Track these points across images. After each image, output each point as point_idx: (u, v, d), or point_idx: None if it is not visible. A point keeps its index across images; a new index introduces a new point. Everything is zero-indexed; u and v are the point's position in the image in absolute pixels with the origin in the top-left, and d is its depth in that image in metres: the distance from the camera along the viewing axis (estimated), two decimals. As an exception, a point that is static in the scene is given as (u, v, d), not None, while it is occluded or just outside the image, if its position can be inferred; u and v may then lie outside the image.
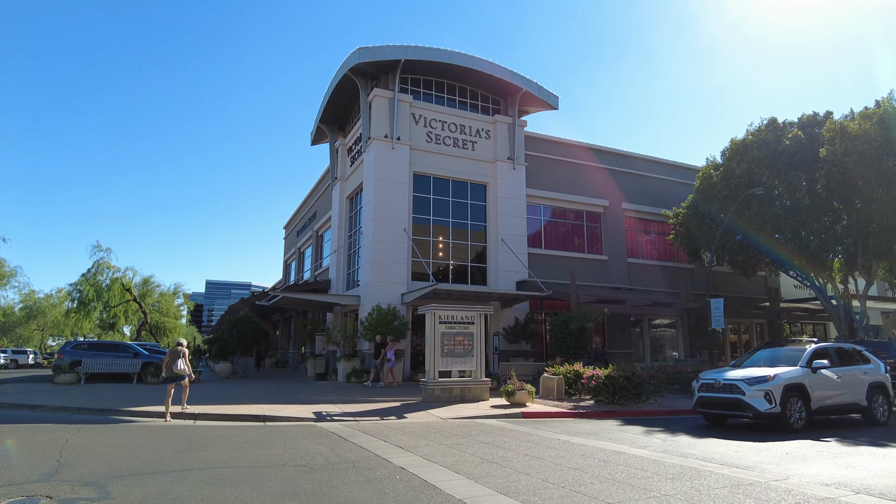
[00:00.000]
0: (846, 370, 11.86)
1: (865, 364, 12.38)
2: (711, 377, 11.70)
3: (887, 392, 12.29)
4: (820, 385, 11.21)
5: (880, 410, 12.03)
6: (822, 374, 11.33)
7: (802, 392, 10.88)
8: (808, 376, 11.10)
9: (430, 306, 15.29)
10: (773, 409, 10.54)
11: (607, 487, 6.05)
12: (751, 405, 10.70)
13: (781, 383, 10.70)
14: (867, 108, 21.67)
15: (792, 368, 11.19)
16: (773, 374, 10.92)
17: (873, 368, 12.36)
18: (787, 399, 10.62)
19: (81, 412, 12.20)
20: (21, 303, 61.26)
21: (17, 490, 5.55)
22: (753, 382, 10.88)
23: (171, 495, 5.47)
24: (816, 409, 11.08)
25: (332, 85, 26.75)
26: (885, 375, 12.42)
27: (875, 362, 12.63)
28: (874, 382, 12.12)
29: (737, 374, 11.47)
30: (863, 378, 11.98)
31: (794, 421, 10.65)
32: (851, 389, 11.71)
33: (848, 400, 11.67)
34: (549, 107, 26.86)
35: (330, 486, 5.98)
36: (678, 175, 31.12)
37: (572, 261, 26.30)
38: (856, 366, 12.18)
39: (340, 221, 28.26)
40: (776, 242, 23.61)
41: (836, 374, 11.55)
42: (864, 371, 12.11)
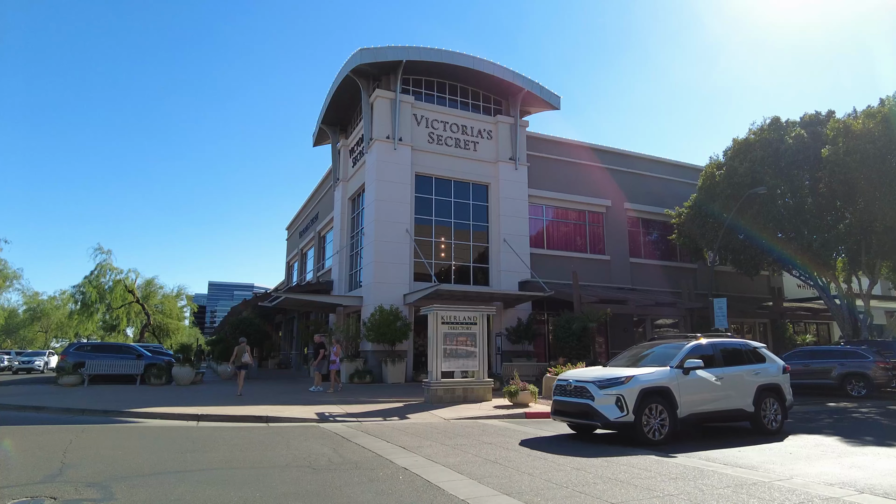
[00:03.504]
0: (731, 371, 10.14)
1: (757, 364, 10.62)
2: (565, 378, 10.07)
3: (782, 396, 10.53)
4: (692, 389, 9.46)
5: (771, 417, 10.26)
6: (697, 377, 9.59)
7: (666, 397, 9.13)
8: (678, 378, 9.36)
9: (432, 307, 15.29)
10: (624, 417, 8.80)
11: (610, 487, 6.04)
12: (599, 412, 8.95)
13: (638, 387, 8.96)
14: (870, 106, 21.63)
15: (657, 369, 9.50)
16: (630, 375, 9.22)
17: (766, 369, 10.62)
18: (645, 405, 8.89)
19: (85, 413, 12.22)
20: (24, 305, 61.51)
21: (21, 491, 5.56)
22: (605, 385, 9.10)
23: (175, 496, 5.48)
24: (686, 417, 9.29)
25: (333, 86, 26.79)
26: (781, 376, 10.72)
27: (772, 361, 10.90)
28: (765, 385, 10.35)
29: (590, 374, 9.85)
30: (751, 380, 10.26)
31: (651, 431, 8.86)
32: (736, 393, 10.01)
33: (730, 406, 9.94)
34: (551, 107, 26.86)
35: (333, 486, 5.98)
36: (680, 175, 31.08)
37: (575, 261, 26.28)
38: (744, 366, 10.41)
39: (343, 222, 28.28)
40: (779, 241, 23.57)
41: (716, 377, 9.81)
42: (754, 372, 10.39)
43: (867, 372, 17.94)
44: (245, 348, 17.59)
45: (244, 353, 17.44)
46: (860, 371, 18.07)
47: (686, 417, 9.33)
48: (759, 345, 11.21)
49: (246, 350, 17.62)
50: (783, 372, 10.85)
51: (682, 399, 9.27)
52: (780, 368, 10.84)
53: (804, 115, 24.00)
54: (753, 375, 10.36)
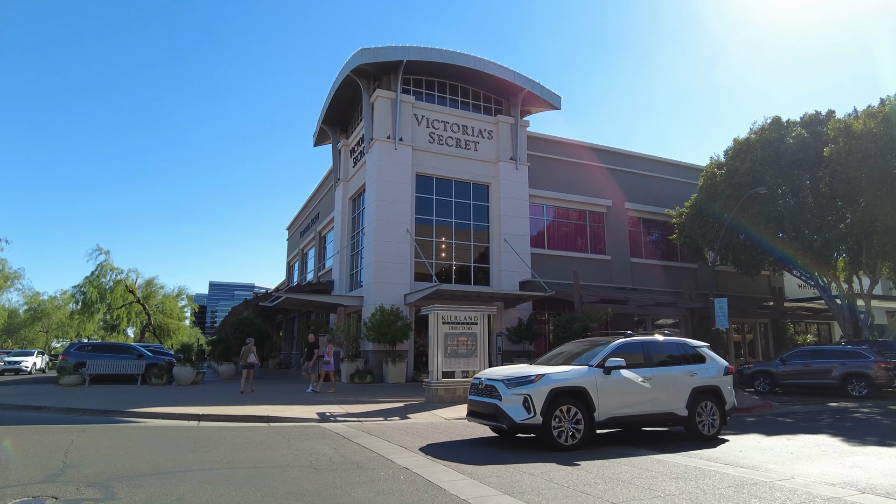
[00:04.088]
0: (661, 372, 9.38)
1: (695, 364, 9.82)
2: (479, 376, 9.48)
3: (720, 399, 9.75)
4: (613, 390, 8.77)
5: (708, 421, 9.49)
6: (621, 377, 8.90)
7: (582, 398, 8.50)
8: (597, 378, 8.67)
9: (433, 307, 15.29)
10: (531, 419, 8.20)
11: (611, 487, 6.04)
12: (506, 413, 8.34)
13: (548, 386, 8.32)
14: (871, 106, 21.63)
15: (574, 368, 8.85)
16: (541, 373, 8.57)
17: (705, 369, 9.84)
18: (556, 407, 8.27)
19: (86, 413, 12.23)
20: (25, 305, 61.57)
21: (23, 491, 5.56)
22: (513, 384, 8.50)
23: (176, 495, 5.48)
24: (606, 420, 8.65)
25: (334, 86, 26.80)
26: (722, 378, 9.95)
27: (713, 361, 10.10)
28: (702, 387, 9.58)
29: (502, 372, 9.22)
30: (685, 382, 9.48)
31: (562, 435, 8.24)
32: (666, 396, 9.27)
33: (658, 409, 9.19)
34: (552, 107, 26.85)
35: (334, 486, 5.98)
36: (681, 174, 31.07)
37: (575, 261, 26.27)
38: (678, 367, 9.64)
39: (343, 222, 28.29)
40: (780, 241, 23.56)
41: (643, 377, 9.07)
42: (689, 373, 9.60)
43: (868, 372, 17.93)
44: (252, 348, 18.34)
45: (250, 353, 18.13)
46: (861, 371, 18.06)
47: (606, 421, 8.67)
48: (699, 344, 10.44)
49: (252, 350, 18.33)
50: (725, 373, 10.07)
51: (601, 401, 8.59)
52: (722, 369, 10.05)
53: (805, 114, 24.00)
54: (688, 376, 9.57)
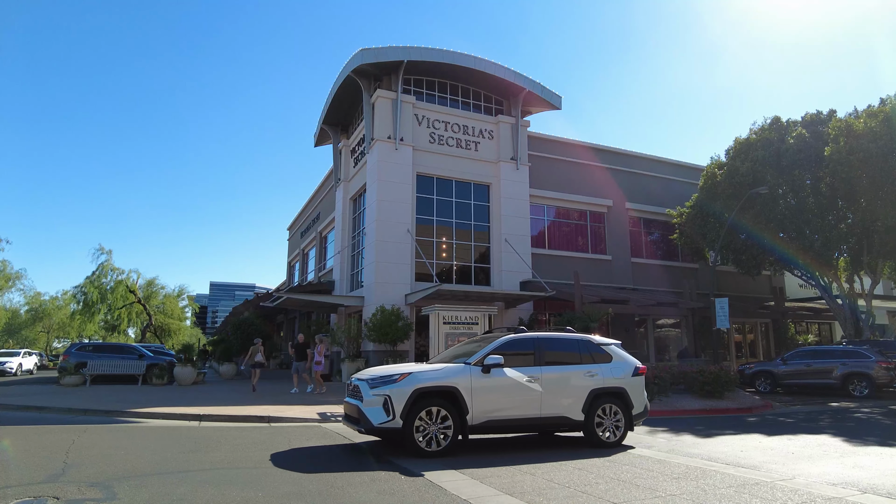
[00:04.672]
0: (554, 371, 8.59)
1: (599, 364, 8.97)
2: (352, 377, 8.80)
3: (626, 402, 8.86)
4: (492, 390, 8.08)
5: (609, 426, 8.68)
6: (503, 376, 8.20)
7: (453, 400, 7.86)
8: (473, 378, 8.02)
9: (433, 307, 15.31)
10: (389, 422, 7.57)
11: (612, 487, 6.04)
12: (365, 416, 7.77)
13: (411, 387, 7.70)
14: (871, 106, 21.62)
15: (447, 366, 8.28)
16: (407, 372, 7.99)
17: (608, 369, 8.96)
18: (420, 409, 7.66)
19: (87, 413, 12.25)
20: (26, 305, 61.68)
21: (25, 491, 5.57)
22: (376, 384, 7.92)
23: (177, 495, 5.48)
24: (482, 424, 8.00)
25: (334, 86, 26.80)
26: (630, 379, 9.06)
27: (620, 361, 9.22)
28: (603, 389, 8.73)
29: (371, 371, 8.59)
30: (583, 383, 8.68)
31: (424, 440, 7.63)
32: (558, 397, 8.48)
33: (548, 412, 8.37)
34: (552, 107, 26.85)
35: (335, 486, 5.99)
36: (682, 174, 31.06)
37: (576, 261, 26.26)
38: (575, 366, 8.82)
39: (344, 223, 28.30)
40: (781, 241, 23.56)
41: (530, 376, 8.35)
42: (588, 373, 8.77)
43: (869, 372, 17.93)
44: (259, 349, 18.82)
45: (258, 353, 18.62)
46: (862, 371, 18.06)
47: (482, 424, 8.00)
48: (607, 341, 9.59)
49: (260, 350, 18.81)
50: (634, 374, 9.18)
51: (477, 402, 7.94)
52: (631, 370, 9.19)
53: (805, 114, 23.99)
54: (587, 377, 8.75)
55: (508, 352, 8.53)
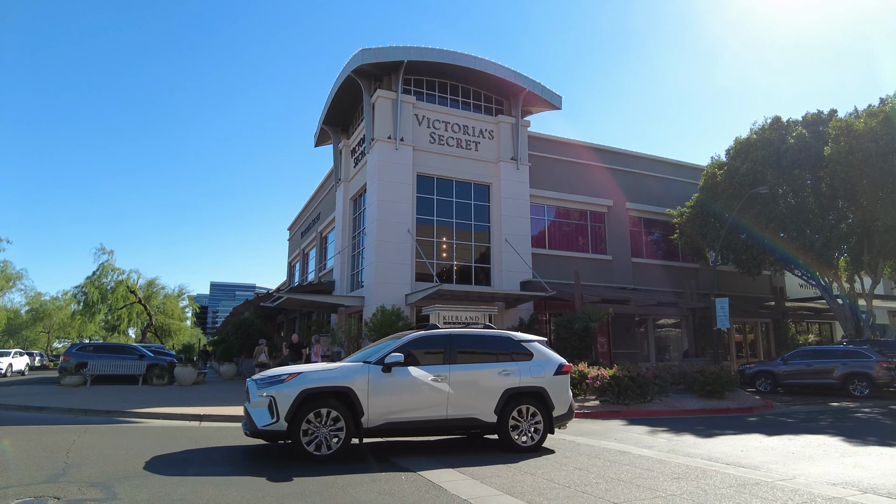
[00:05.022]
0: (463, 370, 8.10)
1: (517, 362, 8.43)
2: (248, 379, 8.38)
3: (546, 403, 8.33)
4: (392, 391, 7.67)
5: (526, 429, 8.16)
6: (407, 375, 7.78)
7: (347, 401, 7.47)
8: (371, 377, 7.61)
9: (434, 307, 15.31)
10: (273, 424, 7.21)
11: (613, 487, 6.04)
12: (251, 417, 7.45)
13: (298, 387, 7.31)
14: (872, 106, 21.62)
15: (343, 365, 7.99)
16: (297, 371, 7.65)
17: (526, 368, 8.40)
18: (308, 411, 7.25)
19: (88, 413, 12.26)
20: (27, 305, 61.74)
21: (25, 491, 5.57)
22: (264, 384, 7.57)
23: (177, 495, 5.49)
24: (379, 426, 7.58)
25: (335, 86, 26.82)
26: (552, 378, 8.48)
27: (542, 359, 8.63)
28: (519, 388, 8.21)
29: (267, 373, 8.11)
30: (496, 382, 8.17)
31: (312, 444, 7.23)
32: (468, 398, 8.00)
33: (457, 413, 7.88)
34: (553, 107, 26.85)
35: (335, 486, 5.99)
36: (682, 174, 31.06)
37: (576, 261, 26.27)
38: (489, 364, 8.31)
39: (344, 223, 28.31)
40: (781, 241, 23.56)
41: (436, 376, 7.89)
42: (503, 371, 8.25)
43: (870, 372, 17.93)
44: (264, 349, 19.43)
45: (262, 353, 19.20)
46: (863, 371, 18.06)
47: (381, 427, 7.59)
48: (528, 338, 8.99)
49: (264, 350, 19.43)
50: (557, 372, 8.61)
51: (374, 403, 7.52)
52: (554, 368, 8.61)
53: (806, 114, 23.99)
54: (502, 376, 8.23)
55: (415, 350, 8.10)
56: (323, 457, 7.23)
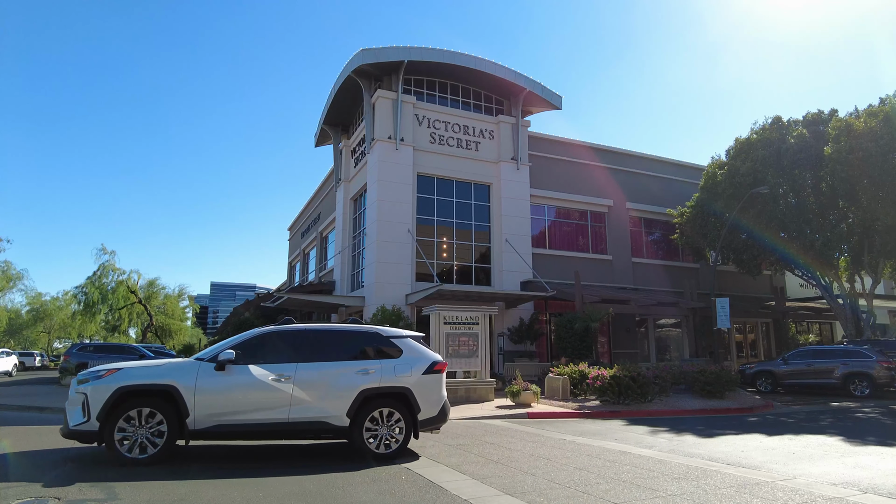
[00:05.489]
0: (312, 368, 7.43)
1: (382, 359, 7.77)
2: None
3: (410, 405, 7.63)
4: (225, 390, 7.09)
5: (384, 434, 7.48)
6: (242, 374, 7.20)
7: (171, 400, 6.91)
8: (200, 375, 7.06)
9: (434, 307, 15.31)
10: (84, 424, 6.74)
11: (613, 487, 6.04)
12: (66, 416, 7.02)
13: (113, 385, 6.79)
14: (871, 105, 21.62)
15: (171, 362, 7.50)
16: (116, 367, 7.11)
17: (390, 366, 7.71)
18: (125, 410, 6.75)
19: (88, 414, 12.24)
20: (27, 305, 61.78)
21: (25, 491, 5.58)
22: (82, 380, 7.09)
23: (177, 495, 5.49)
24: (210, 427, 6.99)
25: (335, 87, 26.83)
26: (420, 378, 7.79)
27: (413, 356, 7.96)
28: (378, 389, 7.53)
29: (94, 368, 7.50)
30: (351, 381, 7.45)
31: (128, 446, 6.72)
32: (316, 398, 7.31)
33: (302, 415, 7.22)
34: (553, 107, 26.85)
35: (335, 486, 5.99)
36: (682, 174, 31.06)
37: (577, 261, 26.27)
38: (343, 362, 7.63)
39: (344, 223, 28.32)
40: (781, 241, 23.57)
41: (279, 374, 7.26)
42: (362, 370, 7.56)
43: (870, 372, 17.92)
44: None
45: None
46: (863, 371, 18.05)
47: (210, 429, 6.99)
48: (399, 333, 8.26)
49: None
50: (428, 371, 7.89)
51: (203, 404, 6.93)
52: (423, 367, 7.89)
53: (806, 114, 23.99)
54: (359, 375, 7.52)
55: (260, 346, 7.53)
56: (139, 460, 6.70)
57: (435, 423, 7.97)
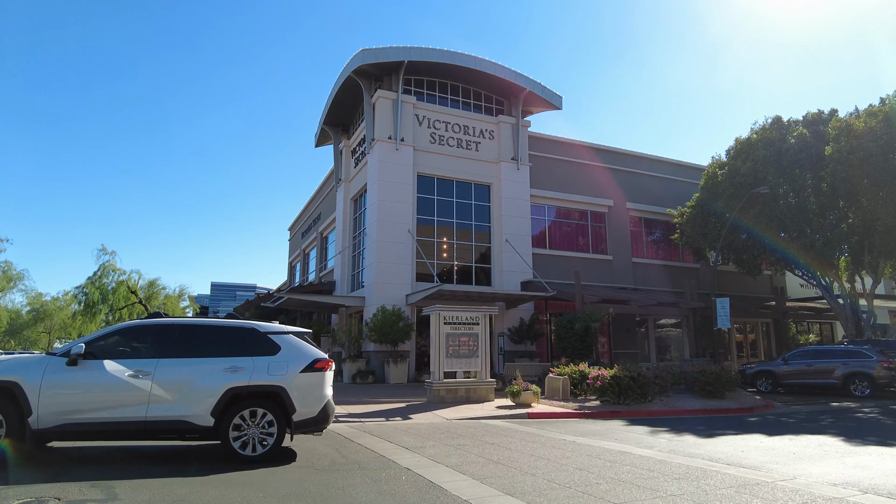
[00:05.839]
0: (175, 364, 7.03)
1: (256, 356, 7.31)
2: None
3: (284, 405, 7.23)
4: (76, 387, 6.70)
5: (253, 436, 7.10)
6: (97, 369, 6.83)
7: (12, 398, 6.56)
8: (49, 371, 6.69)
9: (434, 307, 15.31)
10: None
11: (613, 487, 6.03)
12: None
13: None
14: (872, 105, 21.61)
15: (12, 357, 7.13)
16: None
17: (264, 363, 7.27)
18: None
19: (88, 414, 12.23)
20: (28, 305, 61.88)
21: (26, 491, 5.58)
22: None
23: (177, 496, 5.49)
24: (56, 427, 6.64)
25: (335, 87, 26.84)
26: (296, 377, 7.33)
27: (293, 352, 7.51)
28: (247, 388, 7.10)
29: None
30: (216, 379, 7.02)
31: None
32: (177, 396, 6.91)
33: (161, 414, 6.83)
34: (553, 107, 26.86)
35: (336, 486, 5.99)
36: (683, 174, 31.07)
37: (577, 261, 26.27)
38: (213, 358, 7.17)
39: (345, 223, 28.32)
40: (782, 241, 23.57)
41: (136, 371, 6.87)
42: (232, 367, 7.12)
43: (870, 372, 17.91)
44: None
45: None
46: (863, 371, 18.04)
47: (54, 429, 6.61)
48: (279, 329, 7.77)
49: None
50: (308, 369, 7.43)
51: (48, 401, 6.54)
52: (302, 364, 7.42)
53: (806, 114, 23.99)
54: (228, 373, 7.08)
55: (121, 340, 7.19)
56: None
57: (315, 425, 7.51)
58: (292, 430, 7.32)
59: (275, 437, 7.17)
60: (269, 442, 7.14)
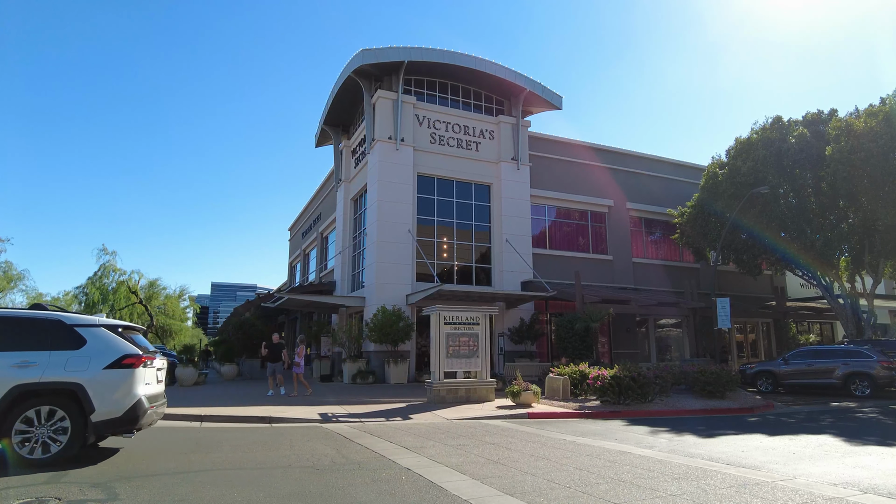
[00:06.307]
0: None
1: (54, 350, 6.77)
2: None
3: (80, 404, 6.66)
4: None
5: (42, 438, 6.55)
6: None
7: None
8: None
9: (434, 307, 15.31)
10: None
11: (613, 488, 6.04)
12: None
13: None
14: (872, 105, 21.61)
15: None
16: None
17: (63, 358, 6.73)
18: None
19: (89, 414, 12.24)
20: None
21: (26, 491, 5.58)
22: None
23: (178, 496, 5.49)
24: None
25: (335, 87, 26.84)
26: (99, 373, 6.79)
27: (101, 345, 6.96)
28: (36, 385, 6.56)
29: None
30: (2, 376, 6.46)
31: None
32: None
33: None
34: (553, 107, 26.86)
35: (336, 487, 5.99)
36: (683, 174, 31.07)
37: (577, 261, 26.27)
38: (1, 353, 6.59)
39: (345, 223, 28.33)
40: (782, 241, 23.57)
41: None
42: (22, 362, 6.57)
43: (871, 372, 17.91)
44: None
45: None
46: (864, 371, 18.04)
47: None
48: (88, 321, 7.22)
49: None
50: (113, 365, 6.88)
51: None
52: (107, 360, 6.88)
53: (807, 114, 23.99)
54: (16, 368, 6.51)
55: None
56: None
57: (122, 426, 6.89)
58: (90, 431, 6.71)
59: (68, 437, 6.59)
60: (61, 443, 6.58)
